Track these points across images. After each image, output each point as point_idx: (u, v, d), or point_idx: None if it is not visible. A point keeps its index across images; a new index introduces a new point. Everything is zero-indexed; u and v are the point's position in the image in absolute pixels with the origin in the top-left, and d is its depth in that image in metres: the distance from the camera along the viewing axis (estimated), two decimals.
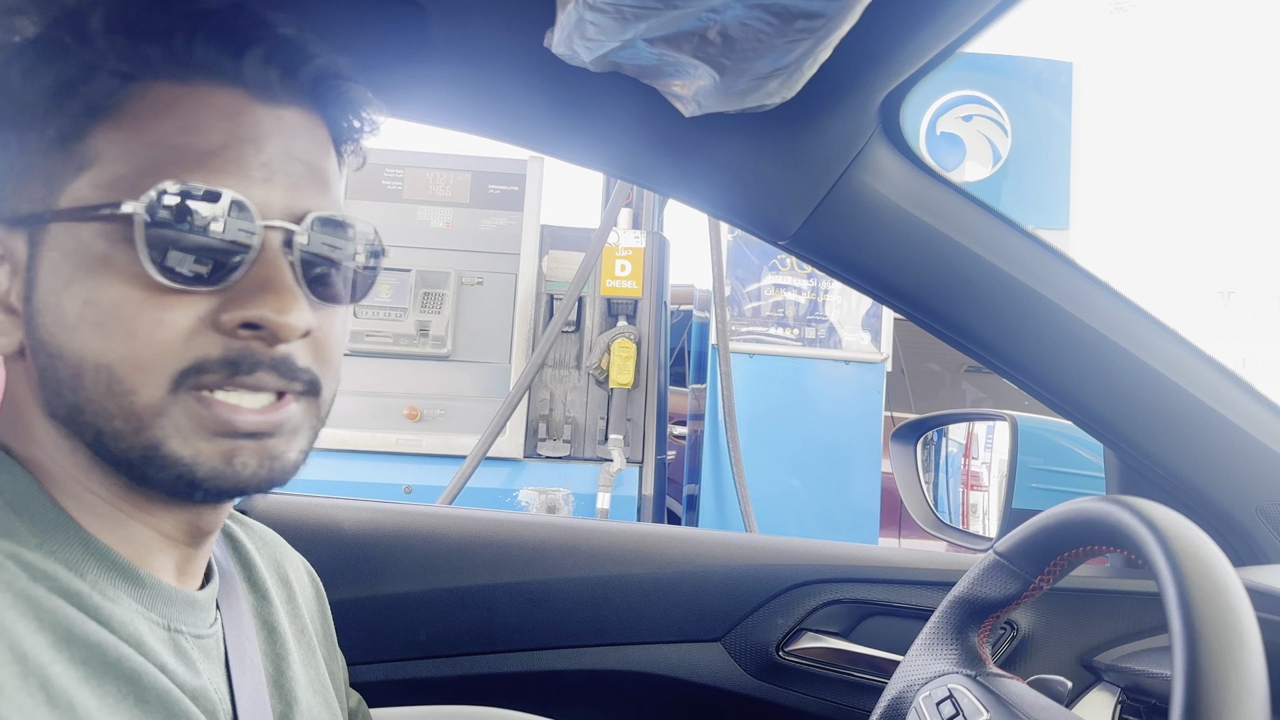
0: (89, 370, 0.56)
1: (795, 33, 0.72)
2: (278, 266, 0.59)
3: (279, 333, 0.58)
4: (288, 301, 0.58)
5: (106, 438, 0.57)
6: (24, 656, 0.49)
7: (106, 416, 0.57)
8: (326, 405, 0.66)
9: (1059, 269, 1.07)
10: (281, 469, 0.61)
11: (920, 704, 0.88)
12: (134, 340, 0.56)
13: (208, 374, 0.57)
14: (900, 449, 1.61)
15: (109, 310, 0.56)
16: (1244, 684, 0.54)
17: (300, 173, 0.62)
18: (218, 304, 0.58)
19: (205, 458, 0.58)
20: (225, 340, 0.58)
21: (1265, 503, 1.09)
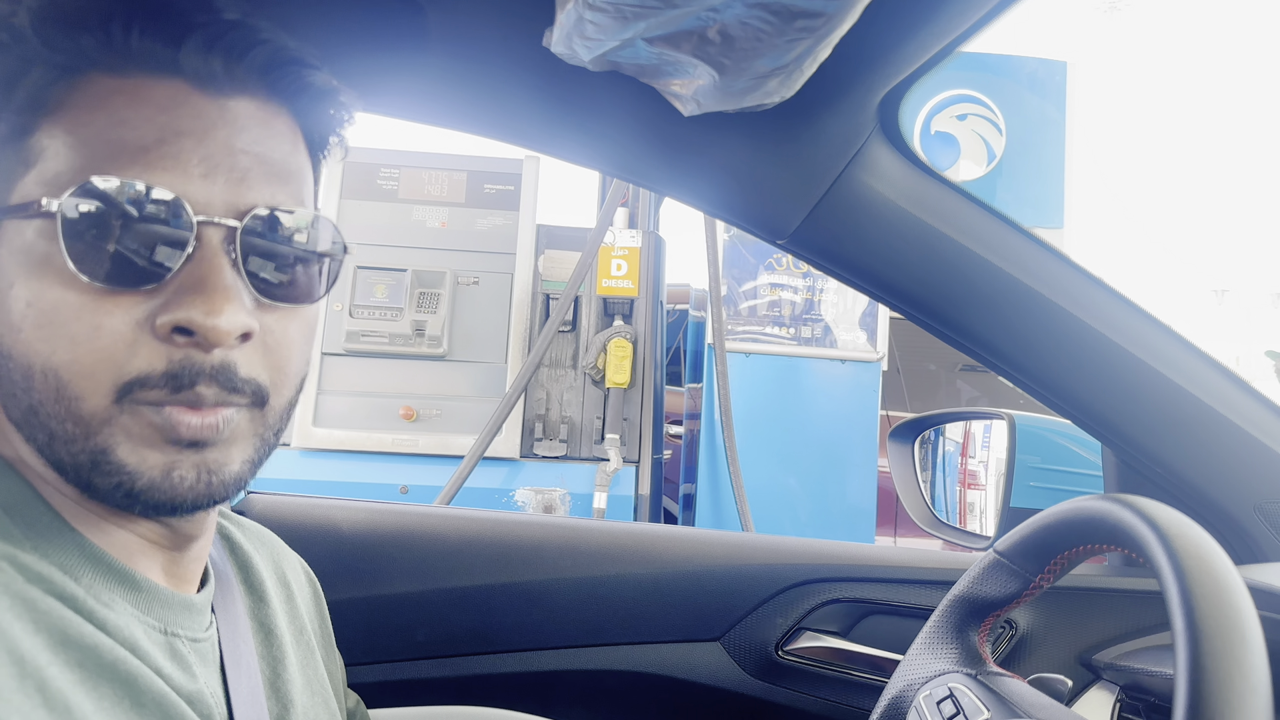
0: (38, 374, 0.55)
1: (795, 32, 0.72)
2: (214, 265, 0.56)
3: (208, 336, 0.55)
4: (218, 303, 0.55)
5: (57, 441, 0.56)
6: (21, 659, 0.49)
7: (58, 419, 0.55)
8: (276, 414, 0.62)
9: (1057, 267, 1.07)
10: (220, 483, 0.58)
11: (921, 703, 0.88)
12: (75, 346, 0.54)
13: (151, 389, 0.55)
14: (898, 448, 1.61)
15: (49, 313, 0.54)
16: (1247, 681, 0.54)
17: (247, 166, 0.59)
18: (156, 307, 0.55)
19: (147, 468, 0.56)
20: (167, 350, 0.55)
21: (1263, 500, 1.09)
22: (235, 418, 0.58)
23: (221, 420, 0.57)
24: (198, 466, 0.57)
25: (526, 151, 3.19)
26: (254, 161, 0.59)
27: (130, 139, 0.56)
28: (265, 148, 0.60)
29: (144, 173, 0.55)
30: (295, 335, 0.62)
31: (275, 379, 0.61)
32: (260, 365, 0.60)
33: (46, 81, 0.56)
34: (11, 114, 0.57)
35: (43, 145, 0.56)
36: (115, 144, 0.55)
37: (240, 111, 0.59)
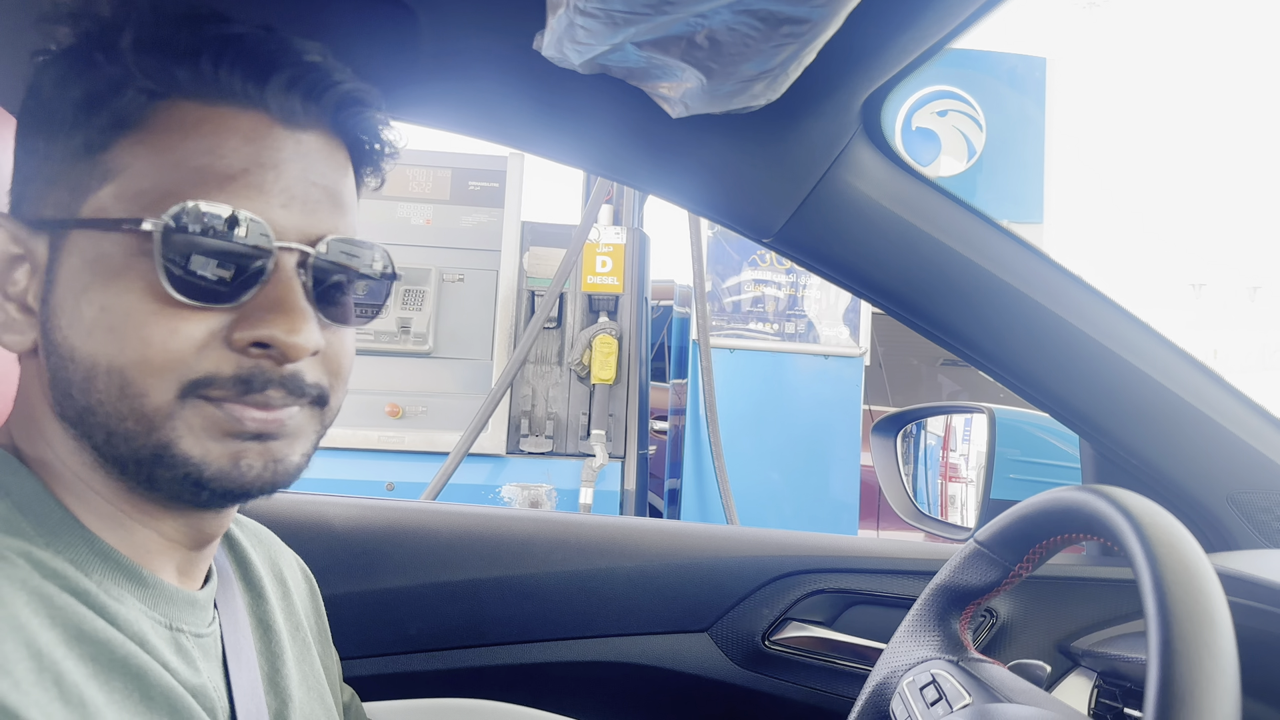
0: (101, 373, 0.58)
1: (781, 37, 0.74)
2: (290, 287, 0.61)
3: (288, 353, 0.60)
4: (298, 322, 0.60)
5: (117, 438, 0.59)
6: (39, 653, 0.51)
7: (119, 418, 0.58)
8: (333, 413, 0.68)
9: (1036, 265, 1.10)
10: (284, 471, 0.63)
11: (904, 689, 0.90)
12: (147, 347, 0.58)
13: (216, 389, 0.59)
14: (881, 441, 1.63)
15: (123, 317, 0.58)
16: (1216, 663, 0.56)
17: (318, 196, 0.64)
18: (230, 321, 0.60)
19: (214, 458, 0.60)
20: (237, 357, 0.59)
21: (1235, 491, 1.12)
22: (298, 415, 0.63)
23: (286, 416, 0.62)
24: (263, 456, 0.61)
25: (511, 149, 3.21)
26: (322, 193, 0.64)
27: (219, 167, 0.60)
28: (330, 180, 0.65)
29: (232, 199, 0.59)
30: (348, 345, 0.68)
31: (333, 383, 0.66)
32: (321, 372, 0.65)
33: (136, 104, 0.60)
34: (90, 130, 0.60)
35: (123, 162, 0.60)
36: (205, 170, 0.59)
37: (312, 145, 0.64)
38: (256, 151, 0.61)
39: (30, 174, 0.63)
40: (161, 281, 0.57)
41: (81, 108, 0.60)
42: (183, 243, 0.58)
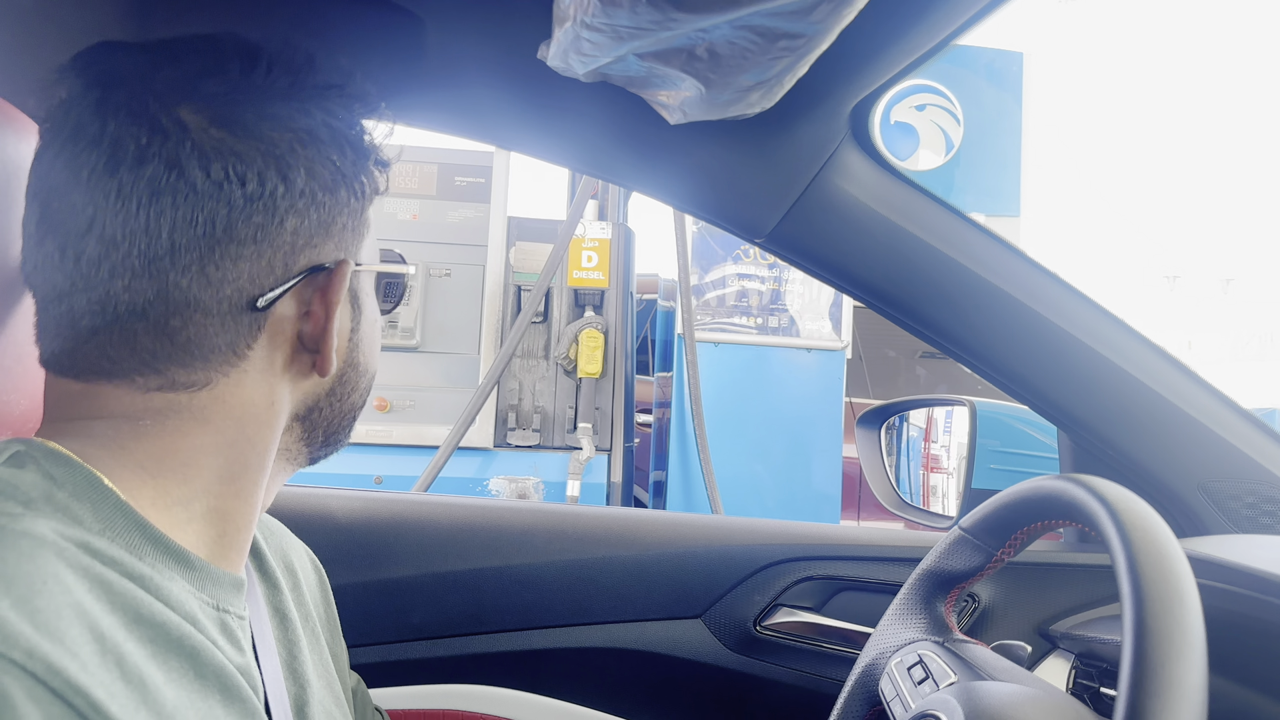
0: (367, 379, 0.80)
1: (778, 51, 0.78)
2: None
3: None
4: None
5: (349, 420, 0.79)
6: (101, 636, 0.54)
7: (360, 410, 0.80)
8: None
9: (1017, 264, 1.15)
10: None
11: (893, 669, 0.95)
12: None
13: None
14: (865, 434, 1.68)
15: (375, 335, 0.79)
16: (1186, 638, 0.61)
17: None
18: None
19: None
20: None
21: (1206, 479, 1.17)
22: None
23: None
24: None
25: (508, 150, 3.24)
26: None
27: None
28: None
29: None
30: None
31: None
32: None
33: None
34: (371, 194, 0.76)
35: (370, 217, 0.77)
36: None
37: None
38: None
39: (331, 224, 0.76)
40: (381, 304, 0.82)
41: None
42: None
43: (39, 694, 0.48)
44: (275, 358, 0.69)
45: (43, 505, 0.59)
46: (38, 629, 0.50)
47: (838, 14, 0.71)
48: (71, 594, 0.53)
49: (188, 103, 0.64)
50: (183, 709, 0.57)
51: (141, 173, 0.62)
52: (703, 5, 0.68)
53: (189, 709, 0.58)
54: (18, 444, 0.64)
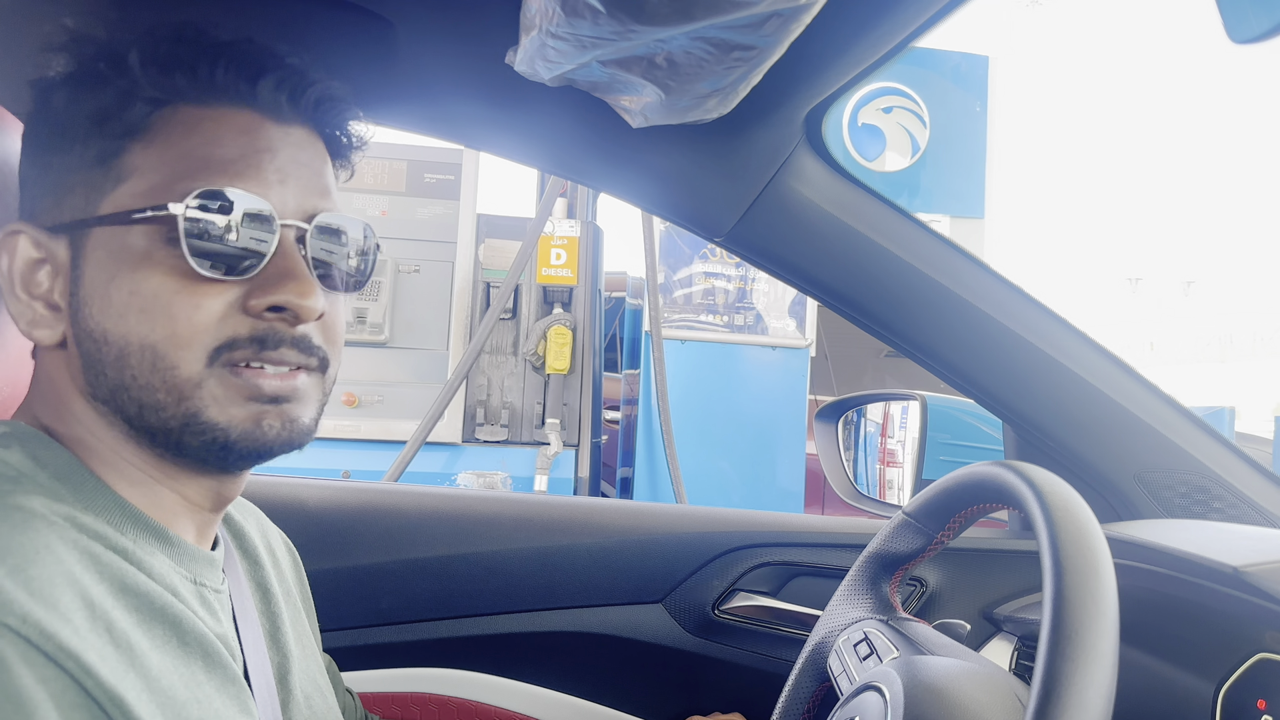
0: (134, 350, 0.66)
1: (732, 61, 0.83)
2: (294, 258, 0.69)
3: (301, 314, 0.68)
4: (307, 288, 0.68)
5: (149, 410, 0.66)
6: (91, 603, 0.57)
7: (151, 390, 0.66)
8: (331, 381, 0.76)
9: (962, 265, 1.20)
10: (301, 430, 0.71)
11: (840, 646, 1.00)
12: (174, 322, 0.65)
13: (238, 350, 0.67)
14: (823, 427, 1.74)
15: (151, 297, 0.65)
16: (1099, 607, 0.66)
17: (308, 178, 0.72)
18: (244, 291, 0.67)
19: (238, 422, 0.67)
20: (252, 320, 0.67)
21: (1142, 470, 1.23)
22: (307, 380, 0.71)
23: (299, 381, 0.70)
24: (281, 417, 0.69)
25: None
26: (312, 175, 0.73)
27: (218, 155, 0.68)
28: (316, 166, 0.75)
29: (233, 181, 0.67)
30: (341, 316, 0.77)
31: (331, 351, 0.74)
32: (323, 339, 0.73)
33: (144, 112, 0.68)
34: (104, 139, 0.68)
35: (134, 164, 0.68)
36: (205, 160, 0.68)
37: (298, 137, 0.73)
38: (252, 140, 0.69)
39: (44, 187, 0.71)
40: (189, 261, 0.65)
41: (93, 122, 0.68)
42: (200, 222, 0.65)
43: (33, 657, 0.52)
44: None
45: (29, 483, 0.63)
46: (32, 596, 0.53)
47: (787, 27, 0.76)
48: (63, 563, 0.57)
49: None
50: (167, 673, 0.61)
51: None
52: (659, 18, 0.73)
53: (173, 673, 0.61)
54: (3, 425, 0.68)
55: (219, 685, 0.65)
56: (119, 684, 0.55)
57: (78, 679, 0.54)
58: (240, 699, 0.67)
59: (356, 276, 0.77)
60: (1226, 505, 1.20)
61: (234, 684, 0.67)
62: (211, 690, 0.64)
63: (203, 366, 0.66)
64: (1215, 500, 1.20)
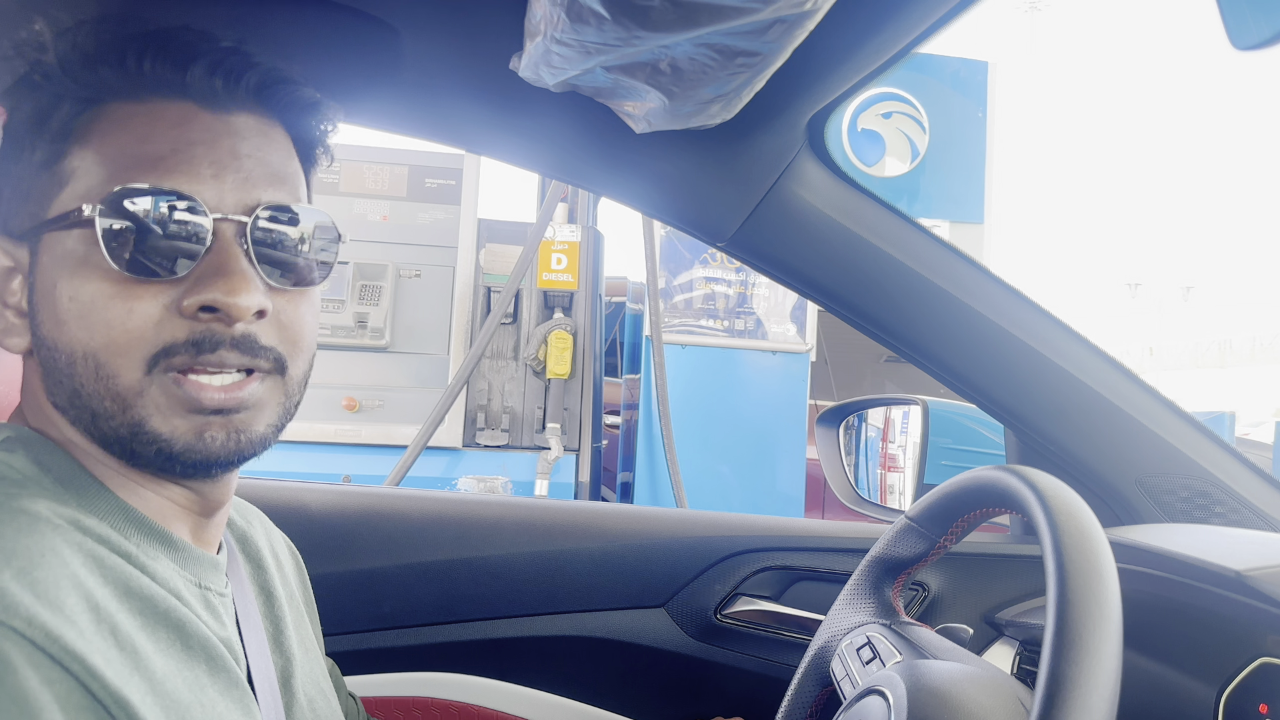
0: (79, 358, 0.64)
1: (735, 67, 0.83)
2: (230, 254, 0.65)
3: (231, 312, 0.64)
4: (237, 284, 0.64)
5: (99, 418, 0.65)
6: (97, 606, 0.57)
7: (98, 398, 0.64)
8: (295, 382, 0.72)
9: (965, 270, 1.20)
10: (249, 441, 0.68)
11: (843, 650, 1.00)
12: (110, 329, 0.63)
13: (176, 355, 0.64)
14: (825, 432, 1.74)
15: (88, 304, 0.64)
16: (1102, 611, 0.66)
17: (250, 169, 0.68)
18: (180, 292, 0.65)
19: (180, 433, 0.65)
20: (189, 324, 0.64)
21: (1143, 475, 1.23)
22: (259, 389, 0.68)
23: (247, 392, 0.67)
24: (226, 428, 0.67)
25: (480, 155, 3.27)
26: (256, 165, 0.69)
27: (149, 151, 0.66)
28: (264, 154, 0.70)
29: (163, 178, 0.65)
30: (305, 313, 0.73)
31: (290, 350, 0.71)
32: (277, 338, 0.69)
33: (74, 112, 0.67)
34: (44, 143, 0.67)
35: (74, 166, 0.66)
36: (136, 157, 0.65)
37: (241, 125, 0.69)
38: (185, 133, 0.66)
39: (8, 193, 0.70)
40: (108, 261, 0.63)
41: (33, 126, 0.67)
42: (121, 223, 0.63)
43: (38, 660, 0.52)
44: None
45: (33, 487, 0.63)
46: (38, 598, 0.54)
47: (790, 34, 0.77)
48: (68, 566, 0.57)
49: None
50: (171, 677, 0.61)
51: None
52: (664, 24, 0.73)
53: (177, 677, 0.62)
54: (7, 429, 0.68)
55: (222, 689, 0.65)
56: (124, 687, 0.55)
57: (83, 682, 0.54)
58: (243, 703, 0.67)
59: (314, 269, 0.72)
60: (1228, 510, 1.20)
61: (237, 688, 0.67)
62: (215, 694, 0.64)
63: (142, 374, 0.64)
64: (1217, 505, 1.21)
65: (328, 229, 0.74)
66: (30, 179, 0.67)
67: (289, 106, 0.74)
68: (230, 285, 0.64)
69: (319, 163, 0.81)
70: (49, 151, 0.67)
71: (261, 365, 0.68)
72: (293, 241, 0.70)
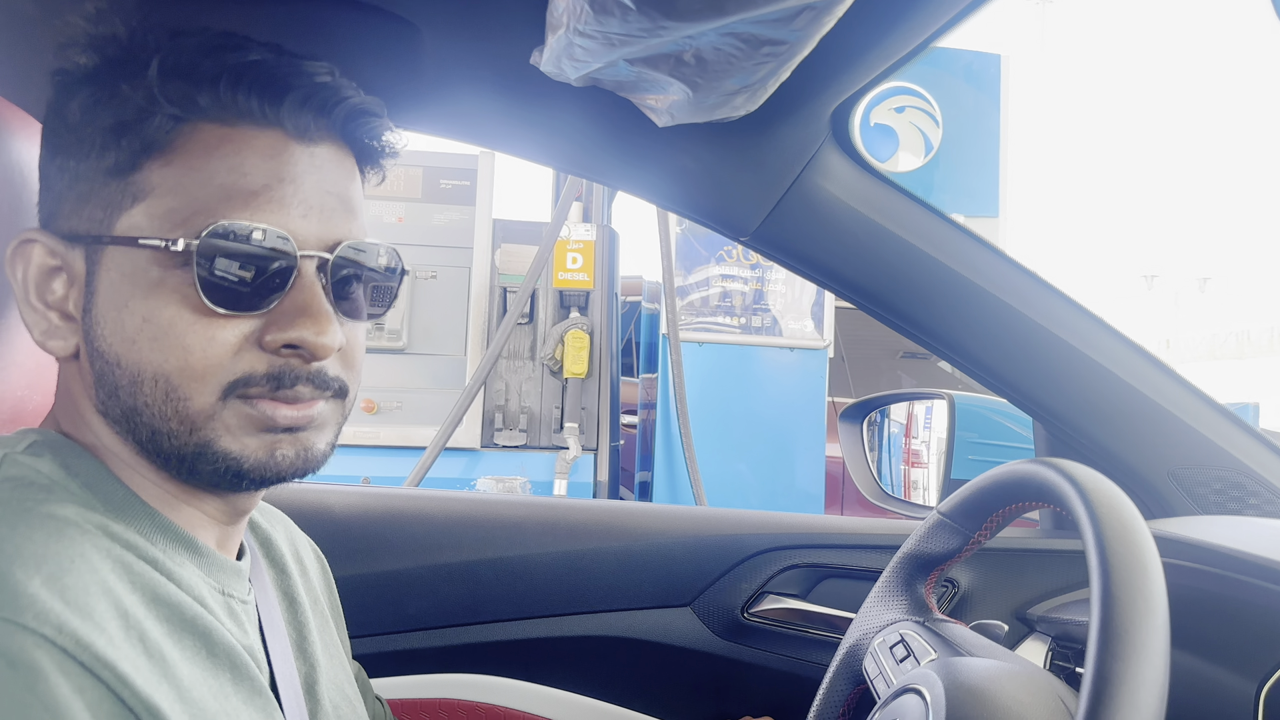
0: (148, 379, 0.64)
1: (761, 56, 0.82)
2: (314, 292, 0.67)
3: (317, 353, 0.66)
4: (324, 324, 0.66)
5: (161, 436, 0.65)
6: (125, 613, 0.57)
7: (163, 419, 0.64)
8: (351, 403, 0.74)
9: (993, 261, 1.19)
10: (314, 458, 0.69)
11: (876, 648, 0.99)
12: (188, 354, 0.64)
13: (254, 387, 0.65)
14: (847, 428, 1.72)
15: (165, 328, 0.64)
16: (1149, 605, 0.65)
17: (333, 205, 0.69)
18: (261, 325, 0.65)
19: (251, 451, 0.66)
20: (269, 357, 0.65)
21: (1176, 467, 1.21)
22: (325, 408, 0.70)
23: (316, 412, 0.69)
24: (295, 445, 0.68)
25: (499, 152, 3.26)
26: (336, 201, 0.70)
27: (242, 185, 0.65)
28: (342, 187, 0.71)
29: (256, 214, 0.65)
30: (361, 340, 0.75)
31: (350, 376, 0.72)
32: (341, 367, 0.71)
33: (162, 128, 0.65)
34: (119, 152, 0.66)
35: (152, 183, 0.65)
36: (230, 188, 0.65)
37: (325, 157, 0.70)
38: (276, 167, 0.66)
39: (61, 190, 0.68)
40: (199, 294, 0.63)
41: (111, 132, 0.66)
42: (216, 258, 0.63)
43: (69, 667, 0.51)
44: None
45: (61, 492, 0.62)
46: (67, 605, 0.53)
47: (818, 21, 0.75)
48: (97, 572, 0.57)
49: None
50: (198, 685, 0.60)
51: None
52: (690, 13, 0.72)
53: (202, 685, 0.61)
54: (34, 434, 0.68)
55: (246, 698, 0.65)
56: (154, 694, 0.55)
57: (114, 689, 0.53)
58: (267, 711, 0.67)
59: (381, 303, 0.75)
60: (1263, 501, 1.18)
61: (260, 696, 0.67)
62: (239, 702, 0.64)
63: (216, 399, 0.64)
64: (1251, 496, 1.19)
65: (394, 262, 0.75)
66: (95, 182, 0.66)
67: (366, 137, 0.75)
68: (318, 326, 0.66)
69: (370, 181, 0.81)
70: (123, 160, 0.65)
71: (327, 396, 0.69)
72: (366, 276, 0.71)
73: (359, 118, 0.72)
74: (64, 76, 0.69)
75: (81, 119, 0.67)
